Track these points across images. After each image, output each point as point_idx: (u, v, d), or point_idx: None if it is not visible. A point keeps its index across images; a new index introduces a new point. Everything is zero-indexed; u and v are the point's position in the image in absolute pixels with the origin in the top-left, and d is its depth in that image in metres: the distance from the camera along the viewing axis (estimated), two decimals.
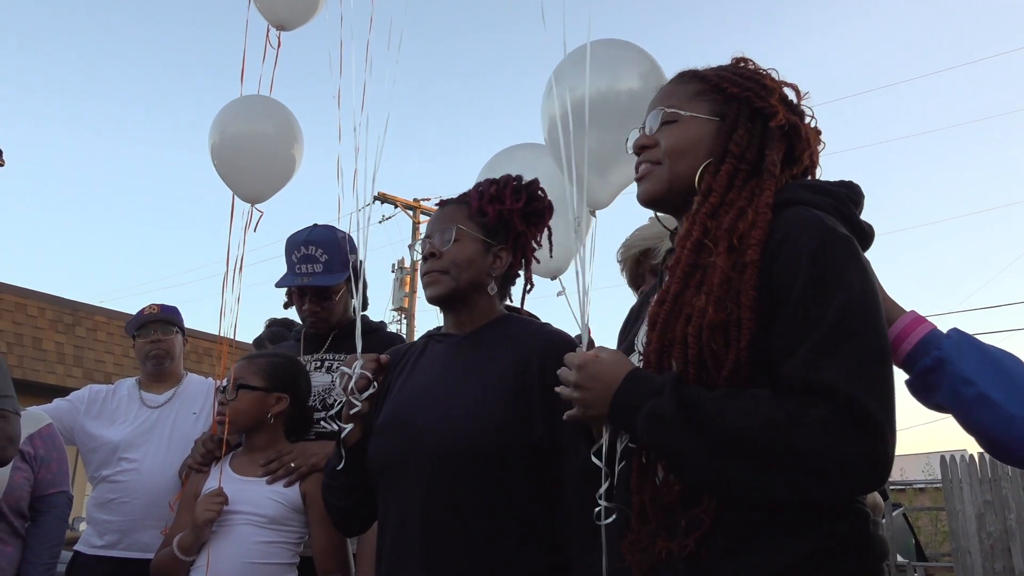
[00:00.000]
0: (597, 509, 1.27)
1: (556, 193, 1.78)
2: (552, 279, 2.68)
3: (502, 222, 1.68)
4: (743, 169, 1.22)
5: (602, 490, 1.21)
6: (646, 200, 1.32)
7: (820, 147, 1.30)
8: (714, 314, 1.07)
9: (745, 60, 1.34)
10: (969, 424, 1.22)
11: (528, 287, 1.81)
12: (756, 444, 1.01)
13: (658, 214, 1.39)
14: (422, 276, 1.68)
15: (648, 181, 1.30)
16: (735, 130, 1.24)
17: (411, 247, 15.50)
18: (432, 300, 1.67)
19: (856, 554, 1.06)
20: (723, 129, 1.25)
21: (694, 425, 1.04)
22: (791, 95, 1.30)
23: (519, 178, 1.73)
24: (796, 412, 1.00)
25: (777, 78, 1.30)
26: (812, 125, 1.30)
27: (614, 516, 1.21)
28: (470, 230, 1.65)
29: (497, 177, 1.74)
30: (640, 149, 1.32)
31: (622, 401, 1.13)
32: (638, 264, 2.22)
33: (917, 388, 1.27)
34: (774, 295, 1.07)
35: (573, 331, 2.49)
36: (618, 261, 2.27)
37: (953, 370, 1.20)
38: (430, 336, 1.75)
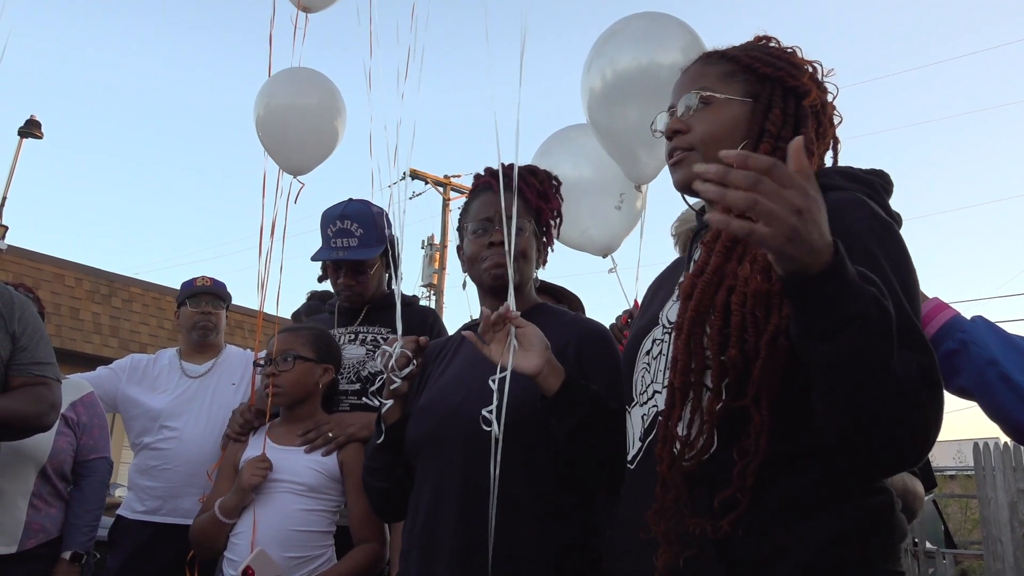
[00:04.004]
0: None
1: (606, 170, 1.77)
2: (603, 256, 2.68)
3: (543, 218, 1.76)
4: (781, 148, 1.20)
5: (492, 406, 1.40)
6: (684, 186, 1.30)
7: (838, 122, 1.30)
8: (759, 283, 1.06)
9: (767, 38, 1.31)
10: (991, 406, 1.23)
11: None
12: (907, 386, 0.98)
13: (688, 200, 1.37)
14: (487, 264, 1.67)
15: (685, 167, 1.27)
16: (770, 110, 1.23)
17: (492, 225, 15.57)
18: (498, 287, 1.66)
19: (883, 531, 1.06)
20: (757, 110, 1.23)
21: (889, 350, 0.95)
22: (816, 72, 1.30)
23: (554, 176, 1.82)
24: (923, 382, 1.00)
25: (801, 56, 1.29)
26: (832, 102, 1.29)
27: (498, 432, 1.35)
28: (531, 223, 1.73)
29: (536, 166, 1.81)
30: (672, 133, 1.29)
31: (844, 263, 0.93)
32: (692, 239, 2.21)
33: (941, 372, 1.27)
34: None
35: (621, 306, 2.48)
36: (672, 235, 2.25)
37: (978, 352, 1.22)
38: (468, 328, 1.78)
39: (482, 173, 1.78)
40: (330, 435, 2.12)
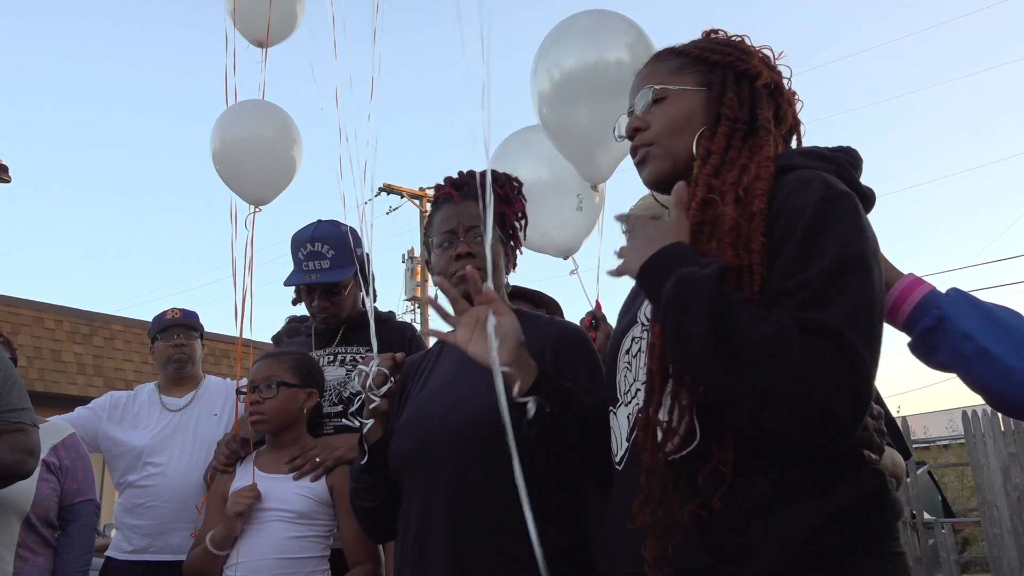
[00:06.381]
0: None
1: (563, 170, 1.77)
2: (564, 258, 2.69)
3: (507, 222, 1.75)
4: (739, 129, 1.23)
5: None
6: (652, 182, 1.31)
7: (799, 106, 1.32)
8: (730, 259, 1.07)
9: (715, 31, 1.35)
10: (971, 380, 1.23)
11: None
12: (760, 350, 0.98)
13: (658, 198, 1.37)
14: (456, 276, 1.63)
15: (650, 163, 1.30)
16: (724, 95, 1.25)
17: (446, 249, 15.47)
18: (468, 298, 1.66)
19: (874, 514, 1.05)
20: (712, 97, 1.26)
21: (718, 304, 1.00)
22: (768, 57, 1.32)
23: (515, 178, 1.80)
24: (803, 339, 0.98)
25: (750, 43, 1.32)
26: (789, 87, 1.32)
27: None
28: (496, 229, 1.69)
29: (495, 170, 1.77)
30: (633, 132, 1.32)
31: (663, 257, 1.11)
32: None
33: (919, 349, 1.27)
34: (779, 248, 1.08)
35: (584, 308, 2.48)
36: (623, 232, 2.26)
37: (953, 327, 1.21)
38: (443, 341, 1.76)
39: (442, 184, 1.76)
40: (317, 460, 2.10)
